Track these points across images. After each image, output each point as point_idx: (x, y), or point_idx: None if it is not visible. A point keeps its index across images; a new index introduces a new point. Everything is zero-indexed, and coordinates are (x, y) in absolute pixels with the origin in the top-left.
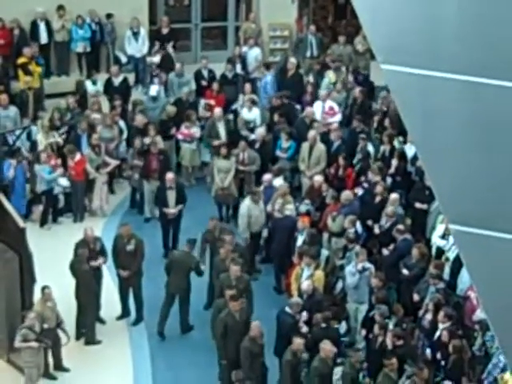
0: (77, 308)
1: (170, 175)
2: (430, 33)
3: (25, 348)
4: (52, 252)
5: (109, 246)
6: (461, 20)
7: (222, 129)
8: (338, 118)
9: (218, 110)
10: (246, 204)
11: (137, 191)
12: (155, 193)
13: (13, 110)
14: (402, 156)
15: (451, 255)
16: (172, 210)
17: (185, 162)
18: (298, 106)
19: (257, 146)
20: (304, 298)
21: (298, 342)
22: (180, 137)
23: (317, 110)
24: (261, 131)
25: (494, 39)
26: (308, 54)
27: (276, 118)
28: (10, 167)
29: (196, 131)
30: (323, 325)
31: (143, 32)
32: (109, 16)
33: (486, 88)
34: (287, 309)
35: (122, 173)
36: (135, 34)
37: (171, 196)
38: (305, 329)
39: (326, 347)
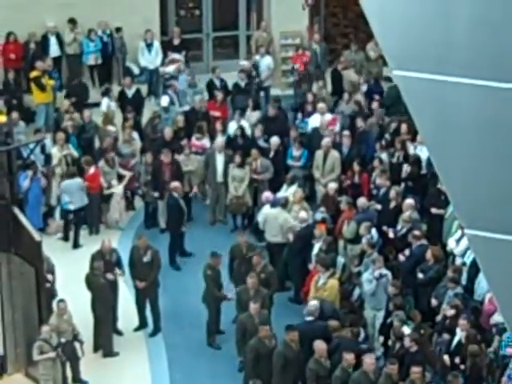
0: (94, 320)
1: (175, 184)
2: (441, 38)
3: (42, 360)
4: (68, 264)
5: (124, 258)
6: (473, 25)
7: (220, 163)
8: (338, 127)
9: (219, 141)
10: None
11: (150, 205)
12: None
13: (22, 126)
14: (416, 161)
15: (468, 260)
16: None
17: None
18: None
19: (271, 154)
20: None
21: (349, 358)
22: (192, 148)
23: (316, 122)
24: (275, 140)
25: (506, 43)
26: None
27: (257, 132)
28: (26, 178)
29: (207, 143)
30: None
31: (156, 44)
32: (118, 30)
33: (499, 92)
34: (309, 318)
35: (136, 191)
36: (148, 46)
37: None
38: None
39: (368, 361)
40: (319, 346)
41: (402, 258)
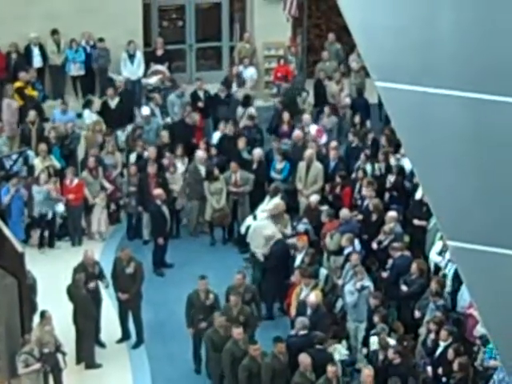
0: (76, 332)
1: (157, 190)
2: (425, 50)
3: (27, 373)
4: (50, 276)
5: (107, 270)
6: (456, 36)
7: (204, 175)
8: (324, 139)
9: (200, 153)
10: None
11: (133, 216)
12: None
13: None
14: (400, 171)
15: (449, 272)
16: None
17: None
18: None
19: (254, 166)
20: (308, 313)
21: (331, 370)
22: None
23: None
24: (258, 152)
25: (490, 55)
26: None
27: (241, 144)
28: (8, 193)
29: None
30: (318, 346)
31: (139, 55)
32: (101, 40)
33: (482, 104)
34: (301, 332)
35: (118, 202)
36: (131, 57)
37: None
38: None
39: (367, 371)
40: (304, 359)
41: (384, 274)
